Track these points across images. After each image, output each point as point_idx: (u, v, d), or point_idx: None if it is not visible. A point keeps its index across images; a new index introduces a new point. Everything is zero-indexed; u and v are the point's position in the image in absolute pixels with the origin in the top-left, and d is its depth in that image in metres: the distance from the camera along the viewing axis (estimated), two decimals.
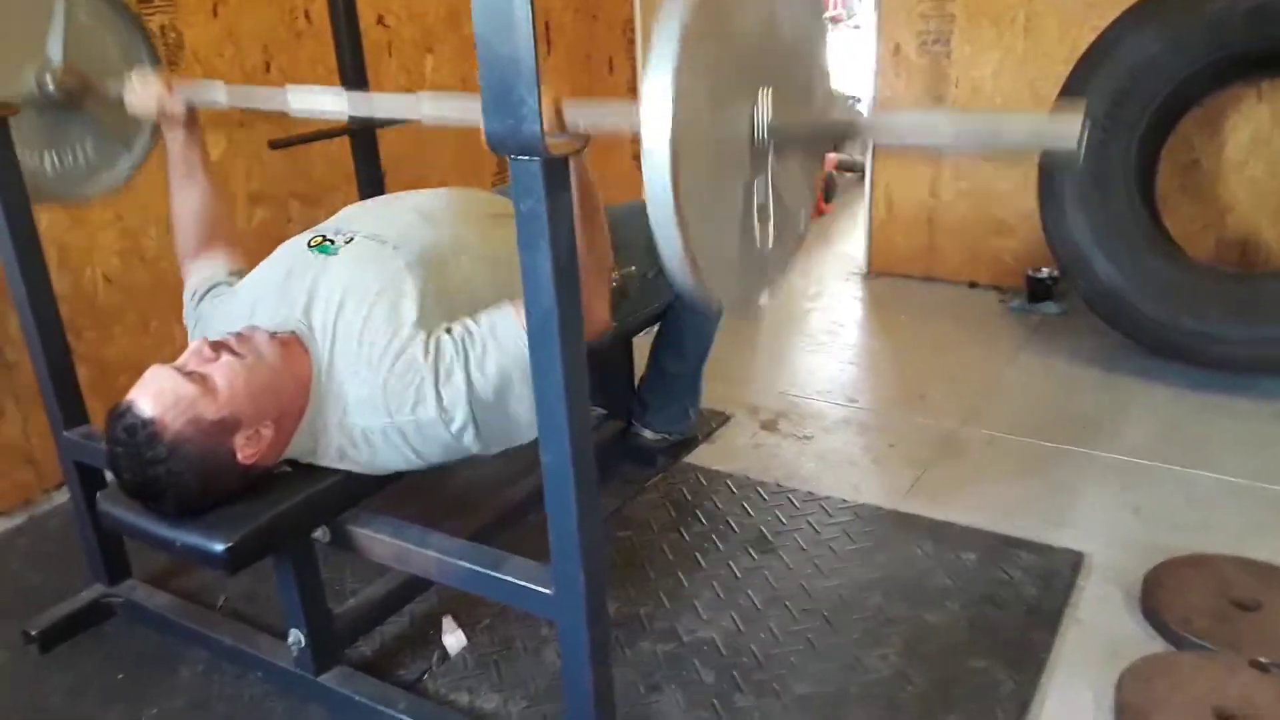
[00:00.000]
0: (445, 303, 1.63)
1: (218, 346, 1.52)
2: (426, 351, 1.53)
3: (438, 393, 1.52)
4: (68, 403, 1.94)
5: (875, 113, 1.32)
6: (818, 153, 1.55)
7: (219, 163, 2.83)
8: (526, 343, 1.40)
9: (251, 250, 2.88)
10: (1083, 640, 1.88)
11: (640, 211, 1.22)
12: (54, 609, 2.01)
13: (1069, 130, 1.10)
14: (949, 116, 1.23)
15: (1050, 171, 3.02)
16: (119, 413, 1.47)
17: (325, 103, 1.61)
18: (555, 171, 1.17)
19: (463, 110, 1.44)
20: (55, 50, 1.90)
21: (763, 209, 1.29)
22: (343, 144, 2.78)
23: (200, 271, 1.87)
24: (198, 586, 2.09)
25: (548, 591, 1.40)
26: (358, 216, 1.82)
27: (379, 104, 1.69)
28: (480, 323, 1.56)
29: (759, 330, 3.52)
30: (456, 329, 1.56)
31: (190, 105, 1.84)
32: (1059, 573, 2.05)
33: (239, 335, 1.56)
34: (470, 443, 1.56)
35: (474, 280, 1.70)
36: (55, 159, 1.96)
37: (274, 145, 2.63)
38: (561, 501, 1.32)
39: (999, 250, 3.73)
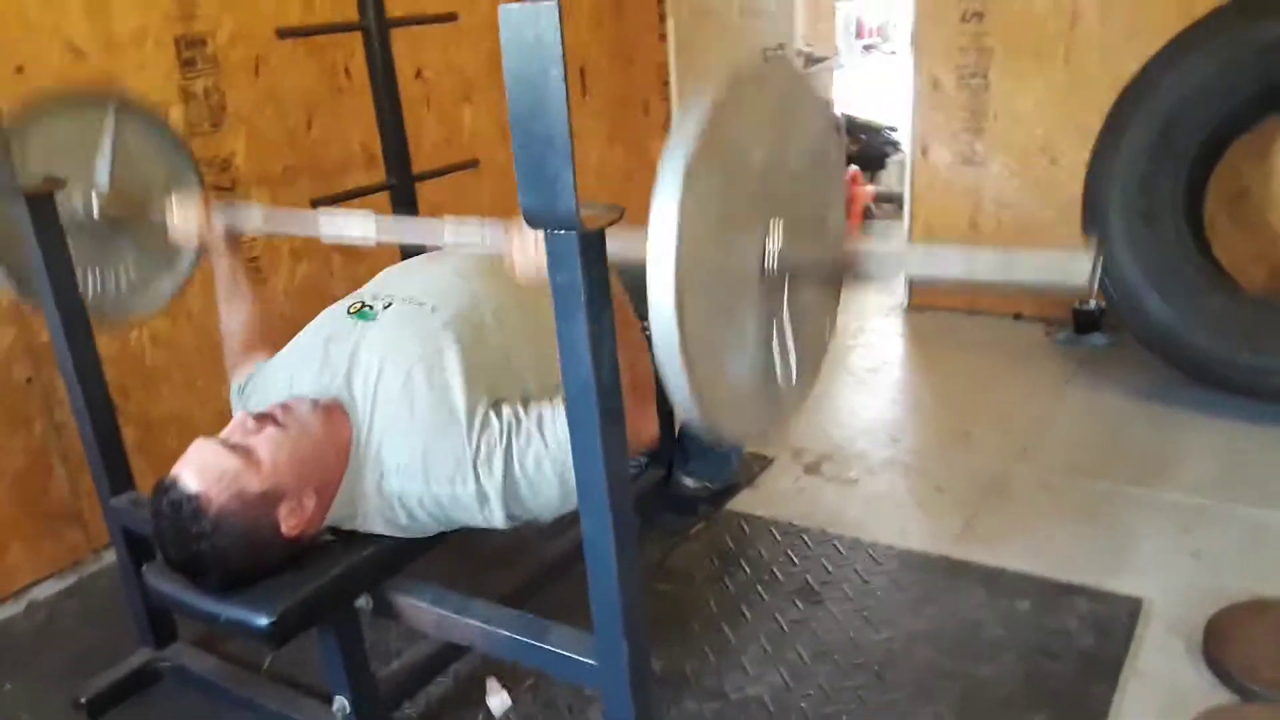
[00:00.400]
0: (485, 361, 1.63)
1: (261, 419, 1.53)
2: (470, 431, 1.53)
3: (476, 473, 1.51)
4: (115, 470, 1.97)
5: (885, 250, 1.32)
6: (836, 282, 1.55)
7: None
8: (566, 442, 1.41)
9: (296, 305, 2.95)
10: (1143, 692, 1.82)
11: None
12: (103, 675, 2.02)
13: (1080, 270, 1.12)
14: (962, 253, 1.25)
15: (1095, 204, 2.97)
16: (164, 488, 1.48)
17: (354, 227, 1.69)
18: (590, 244, 1.17)
19: (481, 235, 1.56)
20: (102, 174, 1.97)
21: (782, 342, 1.31)
22: (384, 198, 2.82)
23: (245, 369, 1.90)
24: (244, 649, 2.09)
25: (592, 662, 1.38)
26: (397, 279, 1.83)
27: (405, 228, 1.73)
28: (530, 414, 1.55)
29: None
30: (506, 413, 1.55)
31: (230, 228, 1.89)
32: (1117, 620, 1.99)
33: (283, 406, 1.57)
34: (497, 522, 1.55)
35: (512, 337, 1.70)
36: (98, 280, 2.01)
37: (316, 203, 2.66)
38: (603, 572, 1.30)
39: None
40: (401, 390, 1.59)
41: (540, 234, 1.24)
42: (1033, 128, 3.52)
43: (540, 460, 1.51)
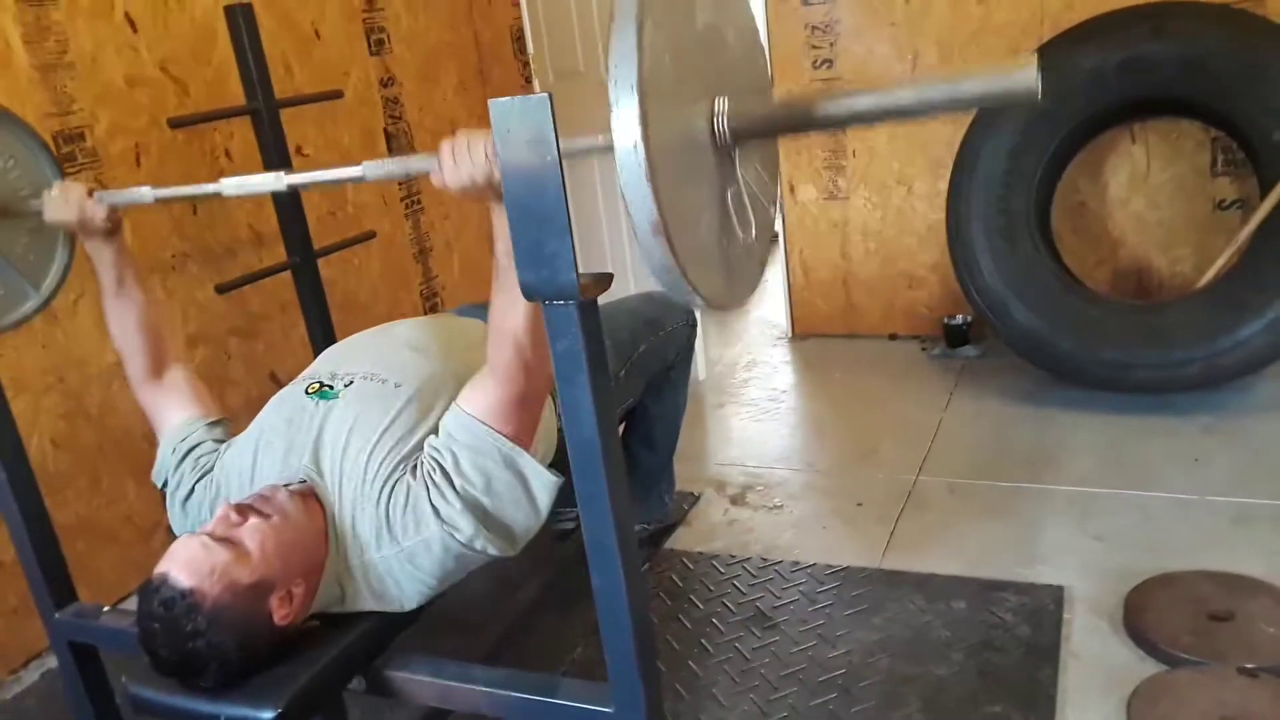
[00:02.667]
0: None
1: (243, 510, 1.52)
2: (415, 474, 1.57)
3: (433, 508, 1.53)
4: (56, 583, 1.89)
5: (831, 95, 1.36)
6: (773, 146, 1.64)
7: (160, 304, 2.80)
8: (486, 432, 1.52)
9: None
10: (1083, 672, 1.99)
11: (605, 318, 1.29)
12: None
13: (1026, 76, 1.15)
14: (909, 87, 1.30)
15: (957, 227, 3.23)
16: (154, 587, 1.44)
17: (264, 182, 1.60)
18: (587, 312, 1.24)
19: (404, 167, 1.54)
20: None
21: (738, 204, 1.35)
22: (277, 277, 2.80)
23: (170, 416, 1.84)
24: None
25: (608, 711, 1.43)
26: (349, 358, 1.83)
27: (321, 173, 1.63)
28: (439, 433, 1.59)
29: (705, 404, 3.61)
30: (428, 449, 1.59)
31: (114, 211, 1.79)
32: (1045, 609, 2.17)
33: (261, 496, 1.56)
34: (477, 544, 1.56)
35: None
36: None
37: (221, 289, 2.62)
38: (616, 622, 1.36)
39: (913, 302, 3.93)
40: (366, 462, 1.60)
41: (475, 137, 1.31)
42: (888, 161, 3.79)
43: (474, 460, 1.54)
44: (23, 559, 1.88)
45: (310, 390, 1.74)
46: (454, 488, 1.54)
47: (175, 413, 1.86)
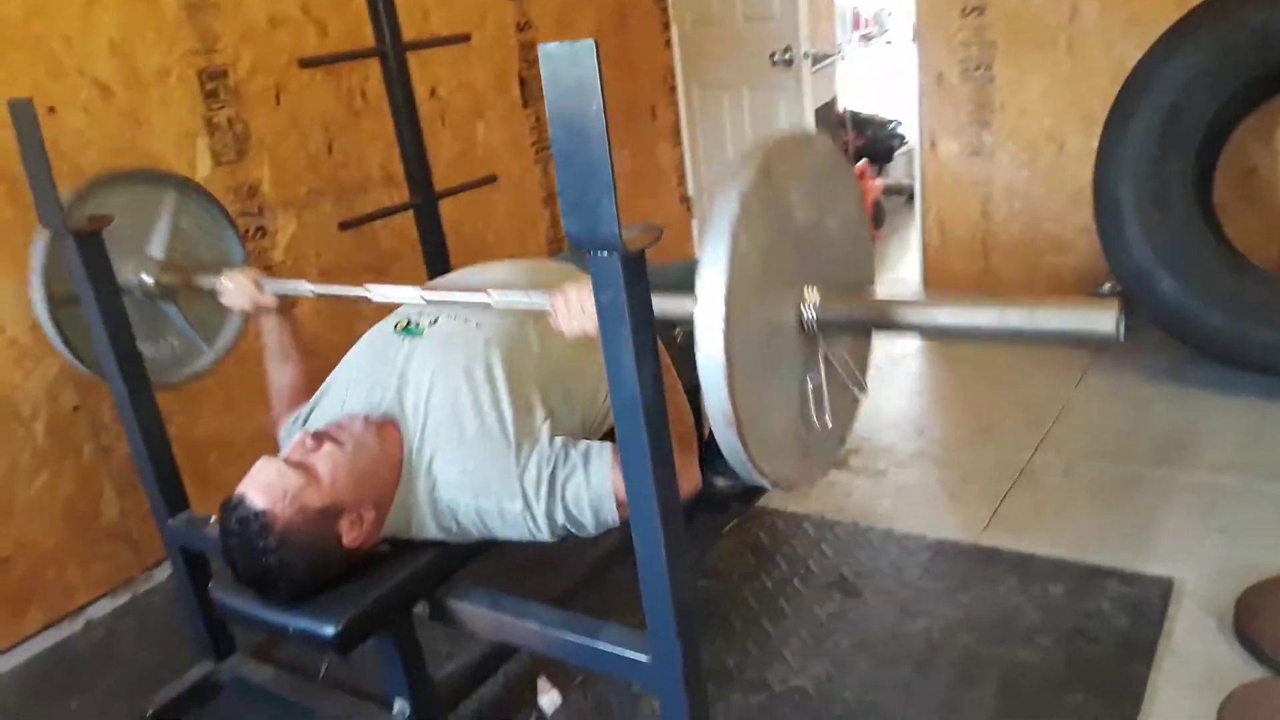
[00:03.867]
0: (529, 376, 1.69)
1: (319, 437, 1.60)
2: (520, 454, 1.60)
3: (523, 492, 1.58)
4: (170, 492, 2.04)
5: (914, 304, 1.39)
6: (865, 336, 1.65)
7: (290, 245, 2.95)
8: (611, 504, 1.55)
9: (327, 324, 3.01)
10: (1179, 670, 1.87)
11: (694, 269, 1.29)
12: (165, 689, 2.09)
13: (1106, 321, 1.16)
14: (991, 309, 1.30)
15: (1105, 191, 3.01)
16: (231, 506, 1.55)
17: (401, 295, 1.75)
18: (632, 264, 1.23)
19: (525, 301, 1.60)
20: (157, 248, 2.09)
21: (818, 393, 1.38)
22: (406, 215, 2.89)
23: (289, 417, 1.95)
24: (300, 657, 2.15)
25: (644, 659, 1.44)
26: None
27: (455, 294, 1.76)
28: (578, 447, 1.62)
29: None
30: (556, 443, 1.62)
31: (280, 297, 1.96)
32: (1149, 602, 2.04)
33: (338, 425, 1.64)
34: (543, 537, 1.62)
35: (551, 349, 1.76)
36: (147, 349, 2.09)
37: (344, 226, 2.74)
38: (654, 573, 1.36)
39: (1057, 268, 3.71)
40: (452, 406, 1.65)
41: (585, 293, 1.36)
42: (1039, 117, 3.56)
43: (579, 496, 1.58)
44: (140, 469, 2.04)
45: (399, 327, 1.81)
46: (549, 498, 1.58)
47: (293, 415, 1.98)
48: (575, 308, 1.47)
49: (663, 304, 1.35)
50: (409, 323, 1.81)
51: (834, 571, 2.29)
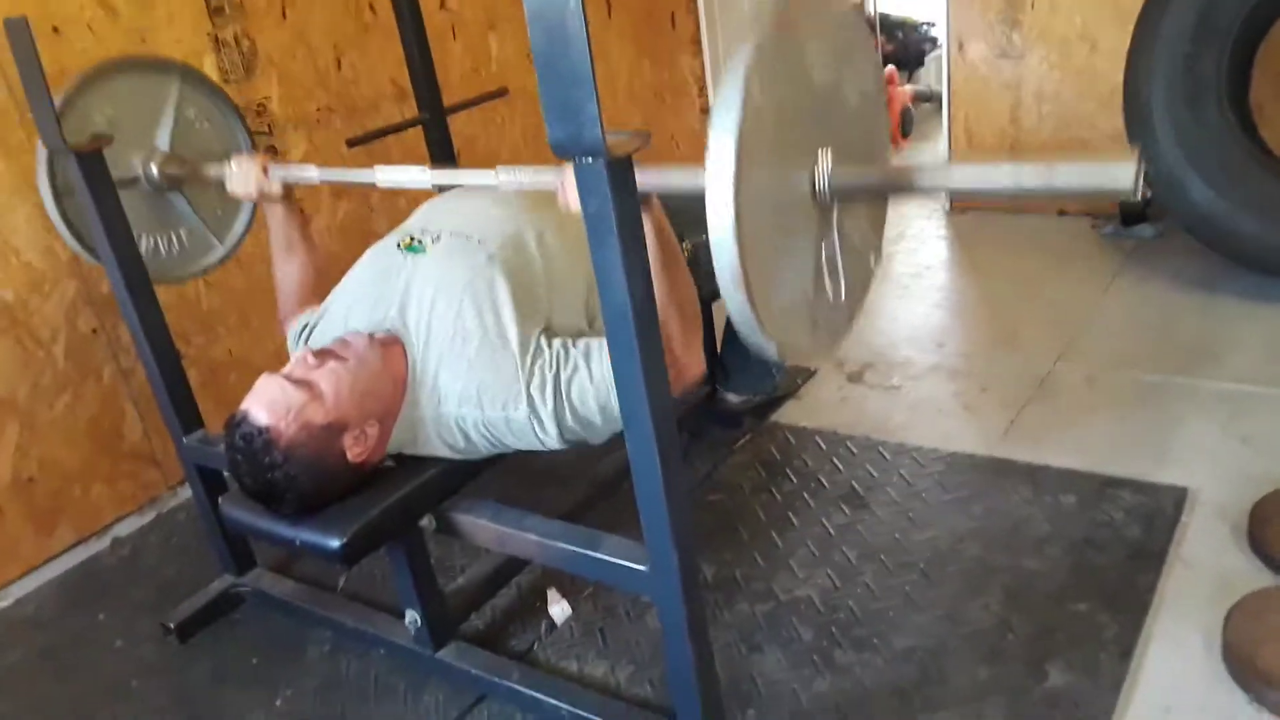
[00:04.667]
0: (531, 287, 1.68)
1: (322, 354, 1.60)
2: (524, 359, 1.59)
3: (529, 398, 1.57)
4: (184, 412, 2.07)
5: (930, 167, 1.33)
6: (882, 203, 1.60)
7: (300, 160, 2.93)
8: (608, 388, 1.51)
9: (340, 243, 3.01)
10: (1188, 579, 1.85)
11: None
12: (188, 601, 2.16)
13: (1124, 176, 1.11)
14: (1007, 167, 1.24)
15: (1135, 90, 2.90)
16: (235, 422, 1.56)
17: (408, 176, 1.70)
18: (618, 171, 1.20)
19: (534, 178, 1.55)
20: (163, 139, 2.07)
21: (831, 263, 1.33)
22: (417, 131, 2.85)
23: (298, 317, 1.96)
24: (319, 571, 2.21)
25: (643, 568, 1.45)
26: (442, 213, 1.87)
27: (461, 174, 1.73)
28: (578, 346, 1.60)
29: None
30: (556, 345, 1.61)
31: (286, 184, 1.93)
32: (1162, 511, 2.02)
33: (341, 341, 1.64)
34: (552, 443, 1.62)
35: (555, 263, 1.74)
36: (153, 243, 2.11)
37: (351, 143, 2.70)
38: (649, 483, 1.36)
39: None
40: (455, 320, 1.65)
41: None
42: (1070, 15, 3.42)
43: (584, 393, 1.57)
44: (155, 391, 2.06)
45: (402, 244, 1.79)
46: (555, 399, 1.57)
47: (303, 319, 1.97)
48: None
49: (669, 177, 1.33)
50: (412, 240, 1.79)
51: (844, 485, 2.28)
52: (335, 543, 1.55)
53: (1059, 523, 2.04)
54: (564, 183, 1.46)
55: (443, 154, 2.75)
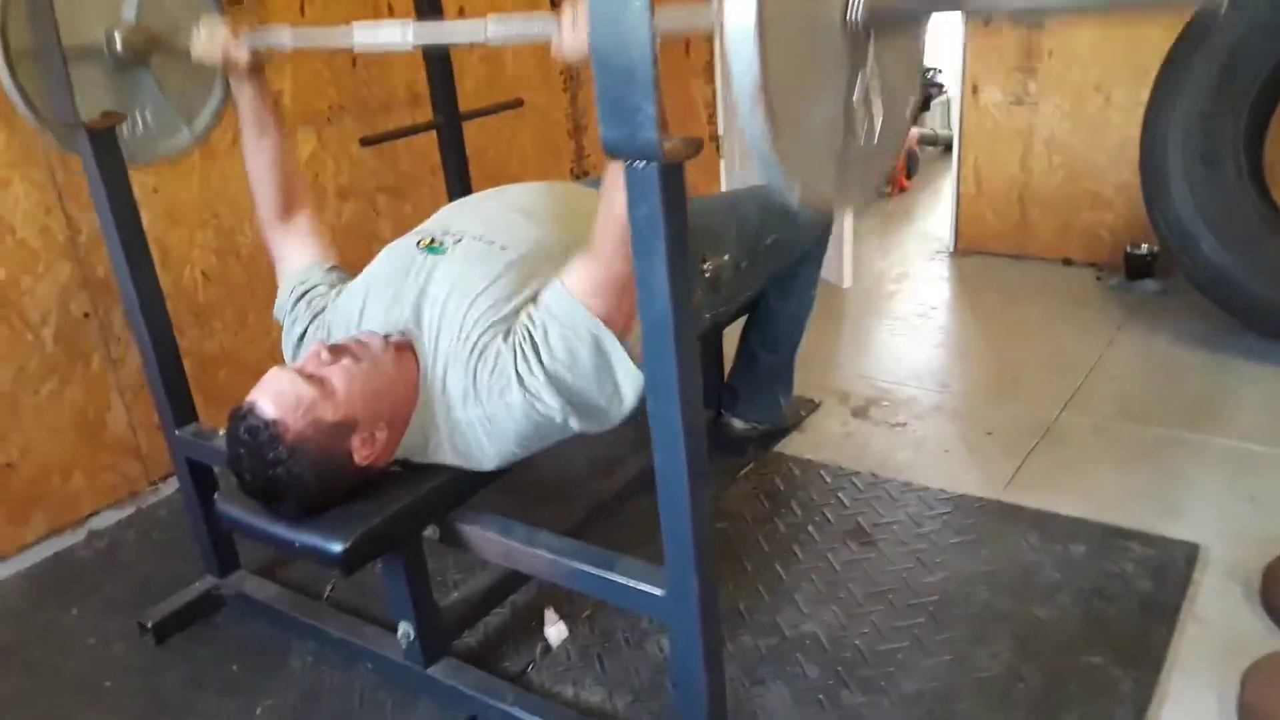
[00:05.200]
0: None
1: (336, 350, 1.54)
2: (507, 339, 1.55)
3: (518, 376, 1.52)
4: (178, 402, 1.99)
5: None
6: (919, 36, 1.46)
7: (308, 162, 2.88)
8: (581, 310, 1.47)
9: (342, 244, 2.94)
10: (1202, 637, 1.82)
11: (731, 204, 1.20)
12: (167, 601, 2.07)
13: None
14: None
15: (1153, 146, 2.90)
16: (241, 414, 1.50)
17: (392, 35, 1.53)
18: (671, 176, 1.16)
19: (526, 29, 1.41)
20: (130, 10, 1.90)
21: (864, 100, 1.22)
22: (427, 137, 2.81)
23: (293, 260, 1.89)
24: (305, 577, 2.13)
25: (659, 593, 1.40)
26: (462, 216, 1.83)
27: (446, 30, 1.58)
28: (539, 303, 1.55)
29: (845, 314, 3.47)
30: (523, 317, 1.56)
31: (255, 52, 1.79)
32: (1173, 565, 1.99)
33: (357, 341, 1.58)
34: (574, 424, 1.56)
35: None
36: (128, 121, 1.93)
37: (365, 142, 2.66)
38: (675, 504, 1.31)
39: (1094, 225, 3.61)
40: (462, 320, 1.60)
41: (584, 8, 1.14)
42: (1087, 66, 3.44)
43: (563, 335, 1.50)
44: (149, 379, 1.99)
45: (421, 244, 1.74)
46: (540, 360, 1.52)
47: (298, 255, 1.91)
48: (582, 20, 1.22)
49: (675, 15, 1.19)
50: (432, 240, 1.74)
51: (850, 520, 2.24)
52: (337, 548, 1.49)
53: (1068, 571, 2.00)
54: (562, 24, 1.31)
55: (457, 160, 2.72)
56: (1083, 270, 3.62)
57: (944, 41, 3.99)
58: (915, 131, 4.93)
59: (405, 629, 1.78)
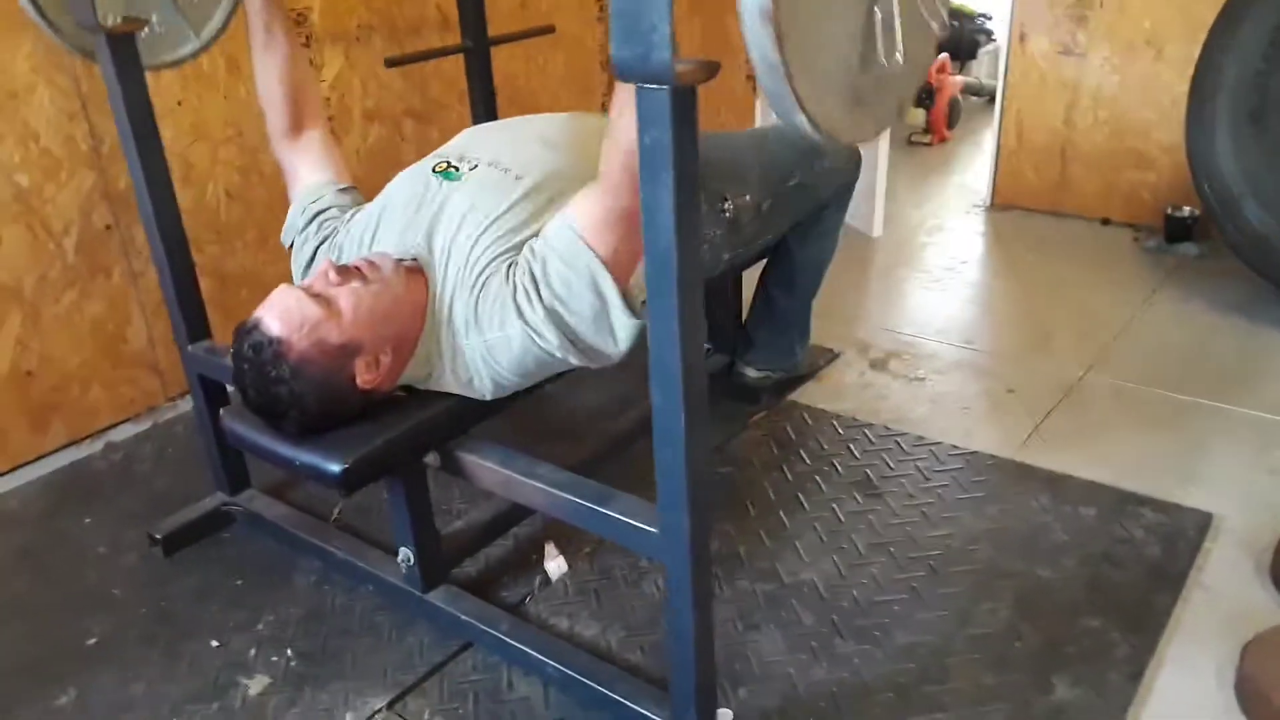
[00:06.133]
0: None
1: (344, 271, 1.54)
2: (510, 270, 1.53)
3: (518, 309, 1.51)
4: (192, 318, 2.00)
5: None
6: None
7: (334, 83, 2.85)
8: (582, 248, 1.45)
9: (367, 168, 2.93)
10: (1206, 606, 1.79)
11: (756, 142, 1.15)
12: (177, 515, 2.10)
13: None
14: None
15: (1201, 102, 2.80)
16: (246, 329, 1.50)
17: None
18: (683, 101, 1.12)
19: None
20: None
21: (888, 19, 1.17)
22: (456, 62, 2.76)
23: (305, 178, 1.87)
24: (313, 499, 2.15)
25: (653, 530, 1.39)
26: (481, 142, 1.80)
27: None
28: (544, 235, 1.53)
29: (873, 264, 3.41)
30: (526, 249, 1.55)
31: None
32: (1184, 534, 1.95)
33: (369, 262, 1.57)
34: (573, 359, 1.55)
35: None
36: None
37: (390, 63, 2.62)
38: (671, 444, 1.29)
39: (1136, 185, 3.50)
40: (471, 248, 1.58)
41: None
42: (1139, 18, 3.31)
43: (562, 271, 1.49)
44: (165, 293, 2.00)
45: (437, 169, 1.72)
46: (539, 293, 1.50)
47: (309, 173, 1.89)
48: None
49: None
50: (448, 165, 1.72)
51: (858, 472, 2.22)
52: (336, 468, 1.49)
53: (1077, 534, 1.98)
54: None
55: (482, 86, 2.67)
56: (1121, 230, 3.53)
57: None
58: (959, 80, 4.79)
59: (405, 554, 1.80)
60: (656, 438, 1.31)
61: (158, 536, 2.05)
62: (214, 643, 1.82)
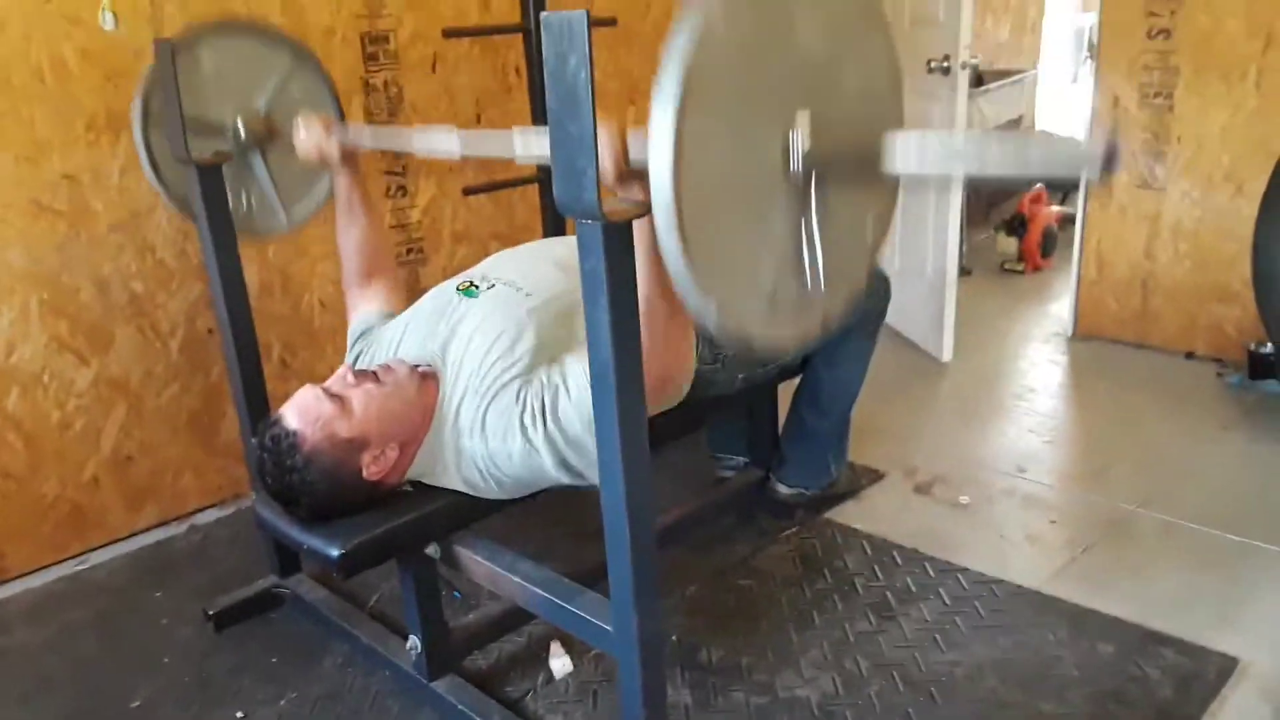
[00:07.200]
0: (558, 338, 1.76)
1: (361, 375, 1.72)
2: (521, 391, 1.67)
3: (522, 428, 1.65)
4: (256, 412, 2.21)
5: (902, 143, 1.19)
6: (878, 184, 1.40)
7: (427, 206, 3.13)
8: (589, 394, 1.48)
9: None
10: None
11: None
12: (232, 594, 2.29)
13: (1091, 154, 0.99)
14: (967, 139, 1.15)
15: (1266, 243, 2.75)
16: (269, 423, 1.69)
17: (440, 141, 1.77)
18: (614, 235, 1.26)
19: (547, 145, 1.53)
20: (260, 103, 2.20)
21: (809, 245, 1.26)
22: (534, 188, 3.00)
23: (361, 311, 2.10)
24: (355, 585, 2.30)
25: (608, 627, 1.47)
26: (504, 264, 2.00)
27: (483, 141, 1.85)
28: (555, 368, 1.68)
29: (939, 388, 3.41)
30: (542, 374, 1.70)
31: (345, 146, 2.03)
32: (1203, 677, 1.87)
33: (385, 366, 1.76)
34: (550, 470, 1.67)
35: None
36: (242, 198, 2.23)
37: (467, 192, 2.88)
38: (617, 543, 1.39)
39: (1219, 319, 3.41)
40: (481, 359, 1.74)
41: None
42: (1218, 154, 3.29)
43: (567, 411, 1.63)
44: (233, 390, 2.23)
45: (460, 287, 1.92)
46: (544, 419, 1.65)
47: (365, 307, 2.12)
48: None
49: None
50: (470, 284, 1.91)
51: (878, 593, 2.22)
52: (335, 551, 1.64)
53: (1088, 670, 1.92)
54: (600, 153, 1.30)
55: (554, 213, 2.89)
56: (1204, 365, 3.42)
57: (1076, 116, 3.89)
58: (1055, 210, 4.78)
59: (414, 641, 1.92)
60: (607, 536, 1.40)
61: (211, 612, 2.24)
62: (239, 713, 1.97)
